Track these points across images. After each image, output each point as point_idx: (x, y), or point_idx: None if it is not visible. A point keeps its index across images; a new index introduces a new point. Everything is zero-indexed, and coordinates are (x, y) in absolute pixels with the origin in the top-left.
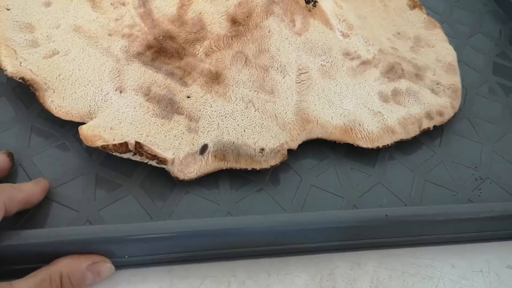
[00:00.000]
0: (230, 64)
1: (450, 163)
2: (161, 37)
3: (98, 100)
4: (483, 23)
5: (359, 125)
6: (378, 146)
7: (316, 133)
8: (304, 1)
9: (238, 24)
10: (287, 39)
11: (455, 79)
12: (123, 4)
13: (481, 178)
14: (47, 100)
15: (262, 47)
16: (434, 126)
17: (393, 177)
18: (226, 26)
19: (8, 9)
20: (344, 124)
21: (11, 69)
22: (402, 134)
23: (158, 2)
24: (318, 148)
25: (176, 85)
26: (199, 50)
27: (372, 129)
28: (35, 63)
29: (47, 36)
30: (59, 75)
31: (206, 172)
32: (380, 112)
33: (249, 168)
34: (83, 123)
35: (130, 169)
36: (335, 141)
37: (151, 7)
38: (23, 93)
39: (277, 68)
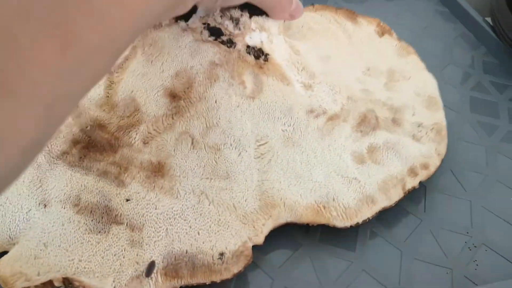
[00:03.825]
0: (174, 150)
1: (439, 231)
2: (88, 127)
3: (19, 220)
4: (454, 51)
5: (333, 199)
6: (358, 223)
7: (285, 218)
8: (253, 57)
9: (178, 98)
10: (238, 106)
11: (438, 116)
12: None
13: (474, 246)
14: None
15: (209, 122)
16: (420, 183)
17: (378, 261)
18: (164, 103)
19: None
20: (315, 201)
21: None
22: (384, 202)
23: None
24: (288, 235)
25: (111, 186)
26: (135, 138)
27: (349, 202)
28: None
29: None
30: None
31: None
32: (355, 178)
33: (208, 282)
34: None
35: None
36: (307, 224)
37: None
38: None
39: (231, 145)
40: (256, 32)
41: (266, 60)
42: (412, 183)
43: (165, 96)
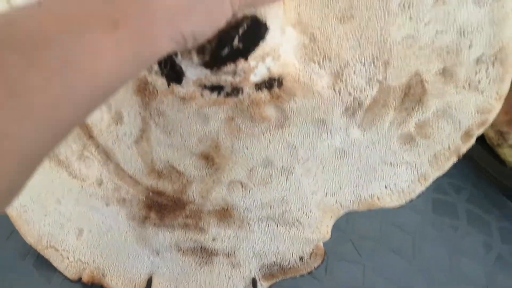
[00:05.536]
0: (230, 196)
1: None
2: (150, 194)
3: (148, 267)
4: None
5: (385, 188)
6: (412, 199)
7: (344, 212)
8: (266, 91)
9: (212, 158)
10: (270, 142)
11: (506, 33)
12: (88, 156)
13: None
14: (113, 285)
15: (249, 166)
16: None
17: None
18: (203, 165)
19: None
20: (369, 196)
21: (72, 275)
22: (436, 173)
23: (120, 156)
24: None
25: (196, 234)
26: (192, 196)
27: (401, 186)
28: (77, 250)
29: (59, 213)
30: (101, 254)
31: None
32: (405, 162)
33: (298, 275)
34: None
35: None
36: None
37: (118, 162)
38: None
39: (276, 174)
40: (259, 66)
41: (280, 84)
42: (467, 146)
43: (200, 160)
